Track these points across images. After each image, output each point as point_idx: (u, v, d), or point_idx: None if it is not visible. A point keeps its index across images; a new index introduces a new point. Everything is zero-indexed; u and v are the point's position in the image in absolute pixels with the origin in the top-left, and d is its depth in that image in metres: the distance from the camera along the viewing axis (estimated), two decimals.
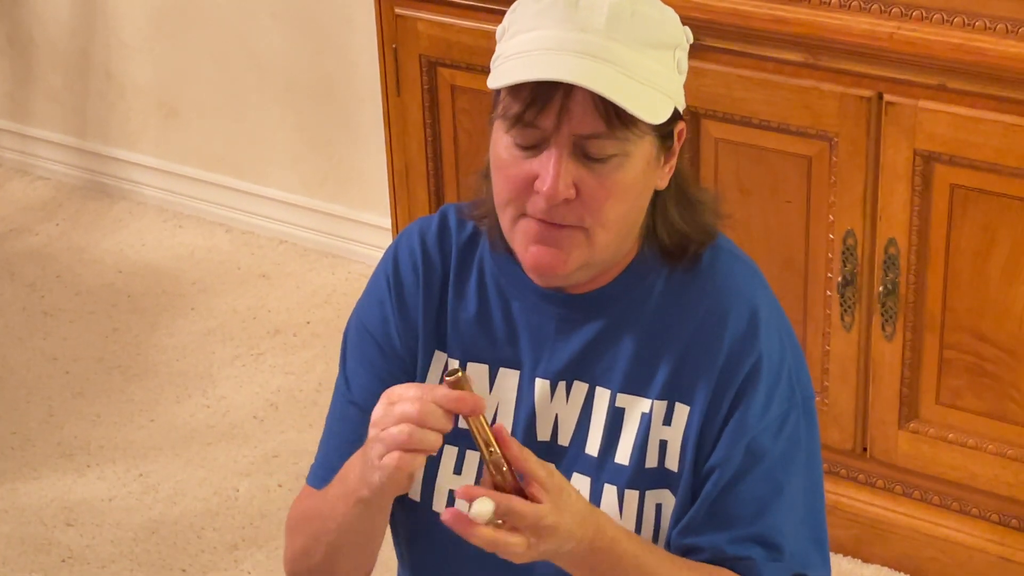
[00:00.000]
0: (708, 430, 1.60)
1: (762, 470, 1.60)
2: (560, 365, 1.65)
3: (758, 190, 2.69)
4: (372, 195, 3.81)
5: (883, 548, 2.81)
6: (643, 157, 1.54)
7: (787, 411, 1.61)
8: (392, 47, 3.01)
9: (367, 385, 1.69)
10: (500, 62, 1.54)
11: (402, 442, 1.46)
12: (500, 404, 1.67)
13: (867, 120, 2.55)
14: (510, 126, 1.53)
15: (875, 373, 2.70)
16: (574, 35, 1.50)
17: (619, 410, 1.63)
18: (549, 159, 1.52)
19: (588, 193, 1.53)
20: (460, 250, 1.70)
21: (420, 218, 1.76)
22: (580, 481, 1.64)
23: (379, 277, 1.74)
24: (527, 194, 1.54)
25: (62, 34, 4.25)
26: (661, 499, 1.63)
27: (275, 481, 3.12)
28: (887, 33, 2.50)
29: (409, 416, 1.46)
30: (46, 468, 3.18)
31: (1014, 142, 2.45)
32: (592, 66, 1.49)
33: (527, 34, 1.53)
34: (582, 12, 1.51)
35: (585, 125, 1.50)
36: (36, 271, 3.92)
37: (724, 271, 1.64)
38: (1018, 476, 2.63)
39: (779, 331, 1.63)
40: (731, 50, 2.65)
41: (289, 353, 3.54)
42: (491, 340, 1.67)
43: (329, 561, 1.68)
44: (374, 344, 1.71)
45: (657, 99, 1.52)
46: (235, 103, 4.01)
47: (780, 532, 1.61)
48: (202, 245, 4.03)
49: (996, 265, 2.54)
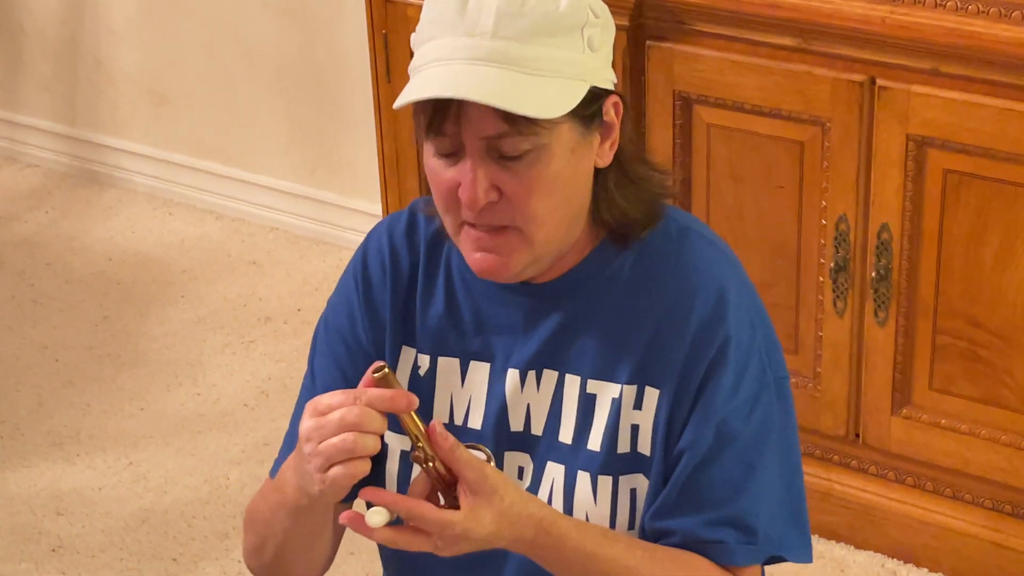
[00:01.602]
0: (677, 413, 1.59)
1: (733, 452, 1.59)
2: (529, 355, 1.64)
3: (750, 176, 2.69)
4: (363, 182, 3.80)
5: (876, 534, 2.81)
6: (564, 145, 1.53)
7: (758, 392, 1.60)
8: (382, 33, 3.00)
9: (332, 383, 1.69)
10: (411, 75, 1.55)
11: (347, 451, 1.46)
12: (472, 397, 1.67)
13: (860, 105, 2.55)
14: (425, 136, 1.54)
15: (868, 359, 2.69)
16: (463, 41, 1.50)
17: (590, 396, 1.63)
18: (465, 166, 1.52)
19: (511, 193, 1.52)
20: (428, 246, 1.69)
21: (391, 214, 1.76)
22: (555, 469, 1.64)
23: (348, 275, 1.74)
24: (456, 201, 1.54)
25: (51, 22, 4.23)
26: (635, 484, 1.62)
27: (266, 469, 3.09)
28: (880, 17, 2.49)
29: (349, 423, 1.46)
30: (36, 457, 3.17)
31: (1007, 127, 2.44)
32: (480, 73, 1.48)
33: (425, 44, 1.53)
34: (470, 16, 1.50)
35: (488, 127, 1.50)
36: (25, 259, 3.91)
37: (691, 253, 1.63)
38: (1011, 462, 2.63)
39: (749, 312, 1.62)
40: (723, 35, 2.64)
41: (280, 341, 3.54)
42: (460, 334, 1.67)
43: (278, 561, 1.70)
44: (341, 342, 1.71)
45: (560, 88, 1.51)
46: (225, 90, 4.00)
47: (754, 514, 1.60)
48: (192, 233, 4.02)
49: (989, 250, 2.53)
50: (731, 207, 2.70)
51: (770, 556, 1.63)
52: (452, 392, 1.67)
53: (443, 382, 1.68)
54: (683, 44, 2.67)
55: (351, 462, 1.46)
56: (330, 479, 1.47)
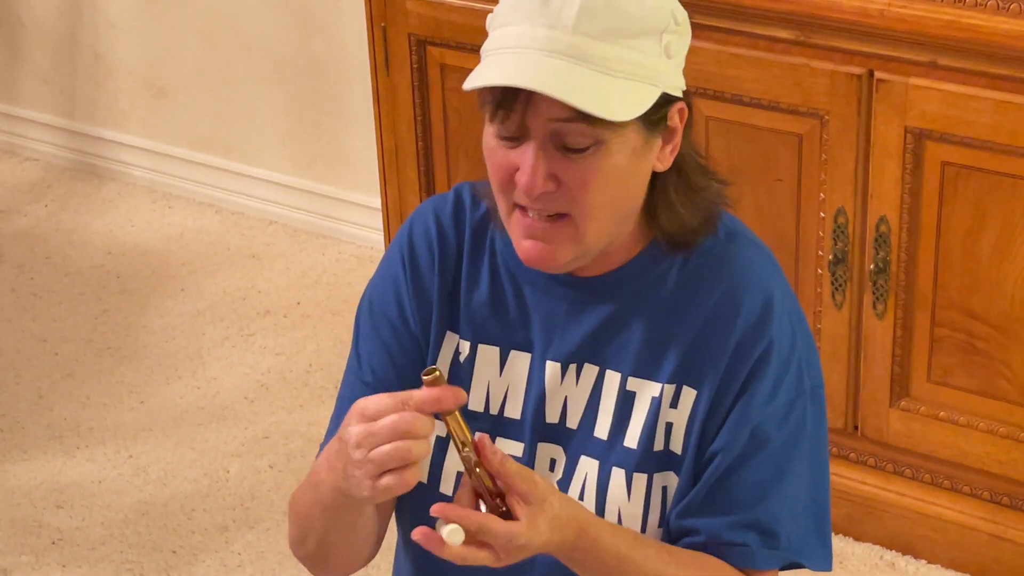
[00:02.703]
0: (714, 415, 1.60)
1: (764, 456, 1.59)
2: (571, 348, 1.64)
3: (749, 168, 2.69)
4: (362, 175, 3.80)
5: (875, 526, 2.81)
6: (626, 145, 1.53)
7: (794, 399, 1.61)
8: (381, 26, 3.00)
9: (379, 365, 1.69)
10: (483, 57, 1.54)
11: (401, 458, 1.44)
12: (511, 387, 1.66)
13: (858, 97, 2.55)
14: (490, 117, 1.53)
15: (866, 351, 2.69)
16: (543, 32, 1.49)
17: (630, 393, 1.62)
18: (527, 151, 1.52)
19: (568, 183, 1.52)
20: (474, 230, 1.68)
21: (434, 196, 1.75)
22: (588, 464, 1.64)
23: (393, 255, 1.71)
24: (512, 184, 1.54)
25: (50, 15, 4.23)
26: (667, 482, 1.63)
27: (265, 462, 3.12)
28: (878, 10, 2.49)
29: (401, 430, 1.44)
30: (36, 450, 3.18)
31: (1005, 119, 2.44)
32: (556, 67, 1.48)
33: (503, 29, 1.52)
34: (552, 7, 1.49)
35: (557, 113, 1.49)
36: (25, 253, 3.91)
37: (739, 256, 1.63)
38: (1009, 454, 2.63)
39: (791, 318, 1.62)
40: (722, 28, 2.64)
41: (279, 334, 3.54)
42: (503, 322, 1.66)
43: (322, 551, 1.68)
44: (387, 323, 1.69)
45: (633, 90, 1.50)
46: (224, 83, 4.00)
47: (777, 519, 1.60)
48: (192, 226, 4.02)
49: (987, 242, 2.54)
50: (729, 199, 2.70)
51: (789, 562, 1.63)
52: (490, 380, 1.67)
53: (481, 370, 1.67)
54: None
55: (404, 470, 1.45)
56: (382, 487, 1.45)
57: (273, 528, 2.94)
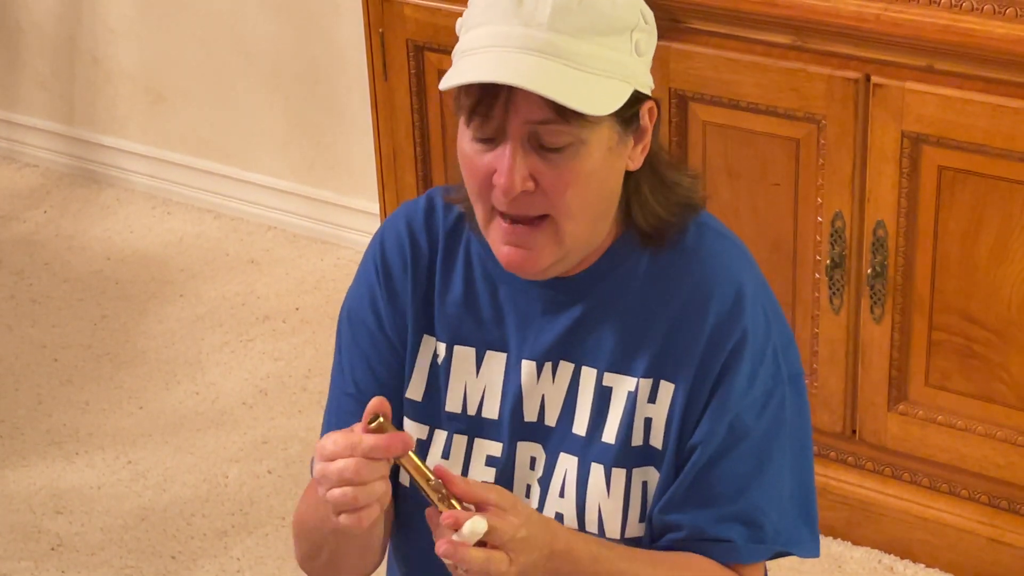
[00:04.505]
0: (692, 408, 1.60)
1: (745, 448, 1.60)
2: (546, 346, 1.65)
3: (746, 173, 2.69)
4: (360, 180, 3.81)
5: (873, 530, 2.81)
6: (602, 143, 1.54)
7: (772, 389, 1.61)
8: (379, 32, 3.00)
9: (361, 376, 1.70)
10: (455, 59, 1.55)
11: (349, 503, 1.47)
12: (488, 387, 1.67)
13: (855, 102, 2.55)
14: (467, 120, 1.54)
15: (864, 355, 2.70)
16: (518, 30, 1.50)
17: (606, 389, 1.63)
18: (504, 152, 1.52)
19: (547, 184, 1.53)
20: (447, 234, 1.69)
21: (405, 202, 1.76)
22: (568, 461, 1.65)
23: (367, 264, 1.74)
24: (490, 187, 1.55)
25: (49, 21, 4.24)
26: (647, 477, 1.63)
27: (264, 467, 3.12)
28: (874, 15, 2.49)
29: (347, 478, 1.46)
30: (35, 456, 3.18)
31: (1001, 123, 2.45)
32: (533, 63, 1.49)
33: (477, 30, 1.53)
34: (526, 6, 1.50)
35: (535, 113, 1.50)
36: (24, 259, 3.91)
37: (710, 249, 1.64)
38: (1007, 457, 2.64)
39: (765, 309, 1.63)
40: (719, 33, 2.64)
41: (278, 339, 3.54)
42: (478, 323, 1.67)
43: (333, 563, 1.70)
44: (366, 332, 1.71)
45: (607, 87, 1.52)
46: (222, 89, 4.00)
47: (762, 510, 1.61)
48: (190, 231, 4.02)
49: (984, 246, 2.54)
50: (727, 204, 2.70)
51: (777, 551, 1.64)
52: (467, 381, 1.68)
53: (458, 371, 1.68)
54: (679, 42, 2.67)
55: (359, 511, 1.47)
56: (343, 525, 1.48)
57: (272, 533, 2.94)
